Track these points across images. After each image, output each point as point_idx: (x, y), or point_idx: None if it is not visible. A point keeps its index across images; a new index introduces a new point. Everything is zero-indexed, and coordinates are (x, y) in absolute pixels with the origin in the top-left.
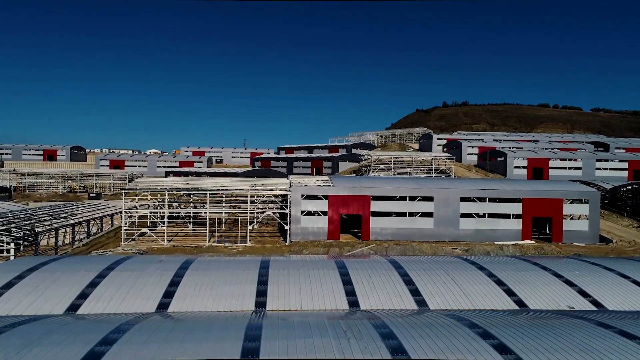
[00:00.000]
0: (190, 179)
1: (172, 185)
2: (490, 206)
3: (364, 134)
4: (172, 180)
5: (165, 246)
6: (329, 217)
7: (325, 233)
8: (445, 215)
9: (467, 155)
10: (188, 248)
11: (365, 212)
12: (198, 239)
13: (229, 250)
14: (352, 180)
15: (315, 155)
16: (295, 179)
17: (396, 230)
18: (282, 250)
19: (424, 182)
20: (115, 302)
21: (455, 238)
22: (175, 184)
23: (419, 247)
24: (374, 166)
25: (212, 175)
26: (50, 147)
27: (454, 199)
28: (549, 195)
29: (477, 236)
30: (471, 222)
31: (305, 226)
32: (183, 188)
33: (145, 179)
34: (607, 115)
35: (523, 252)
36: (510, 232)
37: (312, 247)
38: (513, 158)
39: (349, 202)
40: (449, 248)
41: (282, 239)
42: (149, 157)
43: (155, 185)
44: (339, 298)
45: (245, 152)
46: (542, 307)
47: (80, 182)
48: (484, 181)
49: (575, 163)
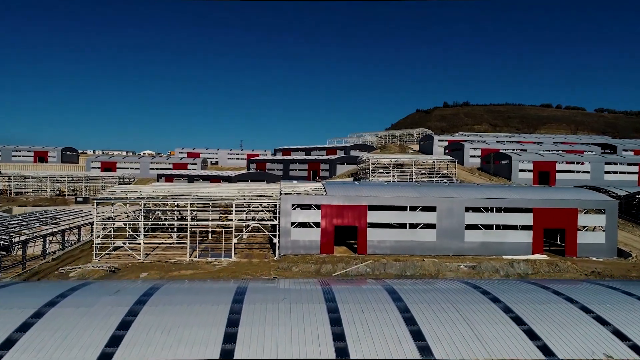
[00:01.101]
0: (176, 185)
1: (151, 193)
2: (498, 217)
3: (363, 134)
4: (153, 188)
5: (141, 262)
6: (321, 229)
7: (318, 246)
8: (449, 226)
9: (470, 158)
10: (166, 264)
11: (362, 223)
12: (179, 252)
13: (210, 267)
14: (347, 188)
15: (312, 158)
16: (285, 187)
17: (395, 244)
18: (269, 266)
19: (425, 190)
20: (45, 353)
21: (459, 252)
22: (155, 192)
23: (420, 265)
24: (373, 170)
25: (205, 179)
26: (41, 149)
27: (458, 209)
28: (563, 205)
29: (483, 250)
30: (477, 235)
31: (295, 239)
32: (163, 197)
33: (123, 187)
34: (611, 116)
35: (535, 269)
36: (519, 246)
37: (303, 263)
38: (518, 161)
39: (344, 212)
40: (454, 265)
41: (272, 251)
42: (141, 159)
43: (132, 194)
44: (325, 344)
45: (241, 154)
46: (573, 357)
47: (69, 186)
48: (490, 188)
49: (583, 166)
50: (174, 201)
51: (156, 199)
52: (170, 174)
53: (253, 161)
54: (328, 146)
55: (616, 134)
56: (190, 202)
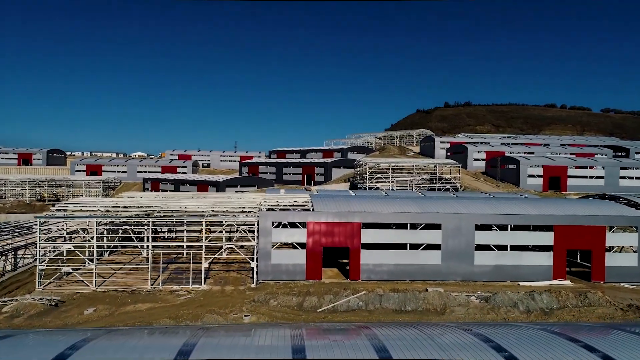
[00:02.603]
0: (147, 196)
1: (109, 209)
2: (513, 236)
3: (361, 135)
4: (117, 200)
5: (93, 291)
6: (307, 251)
7: (303, 271)
8: (456, 247)
9: (474, 161)
10: (122, 294)
11: (354, 244)
12: (142, 278)
13: (174, 299)
14: (338, 201)
15: (306, 161)
16: (268, 199)
17: (394, 268)
18: (243, 298)
19: (428, 205)
20: None
21: (469, 277)
22: (116, 207)
23: (423, 297)
24: (370, 175)
25: (192, 184)
26: (25, 151)
27: (467, 227)
28: (589, 222)
29: (496, 274)
30: (489, 257)
31: (277, 263)
32: (118, 213)
33: (78, 200)
34: (618, 116)
35: (561, 302)
36: (538, 269)
37: (283, 294)
38: (527, 166)
39: (334, 230)
40: (463, 297)
41: (252, 274)
42: (128, 162)
43: (85, 210)
44: None
45: (234, 156)
46: None
47: (50, 190)
48: (503, 201)
49: (597, 171)
50: (132, 218)
51: (110, 217)
52: (157, 178)
53: (245, 164)
54: (324, 148)
55: (624, 135)
56: (152, 220)
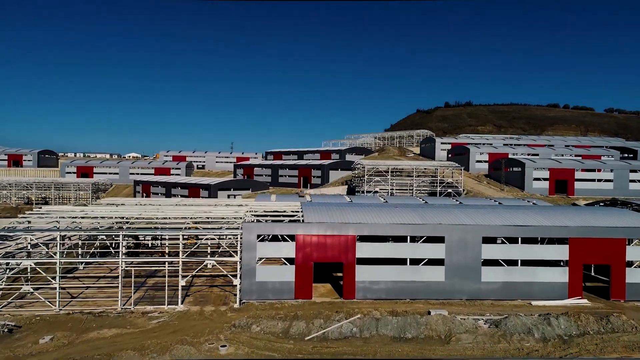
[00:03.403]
0: (127, 203)
1: (78, 219)
2: (525, 250)
3: (360, 136)
4: (86, 211)
5: (56, 313)
6: (296, 267)
7: (292, 290)
8: (462, 262)
9: (476, 163)
10: (87, 317)
11: (349, 259)
12: (113, 298)
13: (145, 322)
14: (331, 210)
15: (302, 163)
16: (253, 208)
17: (392, 285)
18: (223, 322)
19: (430, 215)
20: None
21: (475, 295)
22: (86, 217)
23: (425, 322)
24: (368, 178)
25: (183, 187)
26: (15, 152)
27: (473, 240)
28: (607, 234)
29: (506, 292)
30: (498, 273)
31: (262, 280)
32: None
33: (46, 209)
34: (622, 116)
35: (581, 327)
36: (552, 287)
37: (268, 318)
38: (532, 168)
39: (326, 244)
40: (470, 321)
41: (235, 292)
42: (120, 164)
43: (51, 222)
44: None
45: (230, 157)
46: None
47: (39, 193)
48: (512, 210)
49: (605, 174)
50: (101, 231)
51: (76, 230)
52: (148, 181)
53: (240, 166)
54: (322, 149)
55: (629, 136)
56: (124, 233)
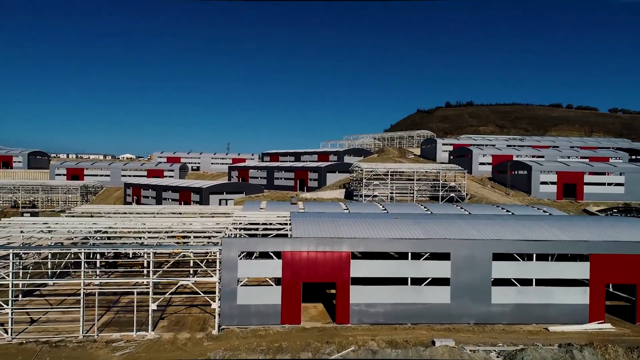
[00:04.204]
0: (102, 212)
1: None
2: (540, 267)
3: (359, 137)
4: (50, 223)
5: (7, 342)
6: (283, 288)
7: (278, 314)
8: (470, 282)
9: (479, 165)
10: (42, 347)
11: (343, 278)
12: (76, 324)
13: (108, 354)
14: (323, 223)
15: (299, 165)
16: (237, 220)
17: (391, 308)
18: (200, 353)
19: (434, 226)
20: None
21: (484, 319)
22: (50, 229)
23: (429, 354)
24: (366, 183)
25: (174, 190)
26: (5, 153)
27: (482, 257)
28: (634, 250)
29: (518, 315)
30: (510, 294)
31: (245, 303)
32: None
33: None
34: (627, 116)
35: (608, 359)
36: (571, 310)
37: (248, 350)
38: (539, 172)
39: (317, 261)
40: (481, 354)
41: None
42: (112, 165)
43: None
44: None
45: (226, 158)
46: None
47: (27, 196)
48: (525, 221)
49: (616, 178)
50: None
51: (31, 249)
52: (138, 183)
53: (235, 167)
54: (319, 150)
55: (634, 137)
56: (85, 250)
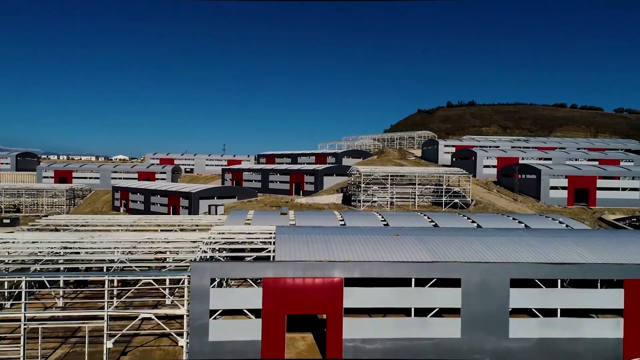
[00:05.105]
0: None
1: None
2: (566, 295)
3: (358, 138)
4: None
5: None
6: (264, 321)
7: (258, 351)
8: (484, 312)
9: (484, 169)
10: None
11: (334, 308)
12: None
13: None
14: (312, 241)
15: (294, 168)
16: (213, 237)
17: (392, 344)
18: None
19: (441, 245)
20: None
21: (501, 356)
22: None
23: None
24: (365, 188)
25: (163, 194)
26: None
27: (498, 282)
28: None
29: (542, 353)
30: (531, 326)
31: (218, 340)
32: None
33: None
34: (634, 117)
35: None
36: (603, 345)
37: None
38: (549, 176)
39: (305, 289)
40: None
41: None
42: (101, 167)
43: None
44: None
45: (221, 160)
46: None
47: (10, 201)
48: (544, 237)
49: (630, 182)
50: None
51: None
52: (127, 187)
53: (228, 170)
54: (317, 152)
55: None
56: (27, 278)
